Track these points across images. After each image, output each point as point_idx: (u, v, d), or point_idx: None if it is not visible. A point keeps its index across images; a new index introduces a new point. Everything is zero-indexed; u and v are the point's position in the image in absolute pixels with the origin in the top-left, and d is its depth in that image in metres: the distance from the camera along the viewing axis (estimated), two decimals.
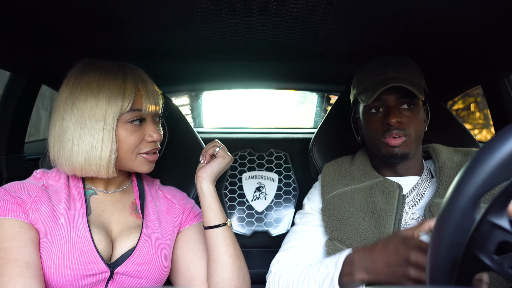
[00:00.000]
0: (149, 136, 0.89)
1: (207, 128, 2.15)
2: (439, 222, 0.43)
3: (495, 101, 1.34)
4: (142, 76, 0.90)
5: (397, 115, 0.95)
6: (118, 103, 0.84)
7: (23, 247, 0.76)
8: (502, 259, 0.39)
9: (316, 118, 2.29)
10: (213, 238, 0.89)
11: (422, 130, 1.00)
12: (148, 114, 0.89)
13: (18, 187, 0.84)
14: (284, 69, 1.48)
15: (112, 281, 0.84)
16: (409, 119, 0.97)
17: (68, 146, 0.83)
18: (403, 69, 0.99)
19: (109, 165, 0.85)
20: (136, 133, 0.87)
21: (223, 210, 0.93)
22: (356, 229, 0.97)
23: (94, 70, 0.86)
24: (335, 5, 0.83)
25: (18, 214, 0.79)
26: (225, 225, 0.91)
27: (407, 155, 0.97)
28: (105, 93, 0.83)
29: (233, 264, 0.89)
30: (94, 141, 0.83)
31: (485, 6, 0.82)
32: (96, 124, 0.83)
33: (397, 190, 0.97)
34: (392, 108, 0.97)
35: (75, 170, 0.85)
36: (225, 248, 0.89)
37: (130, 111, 0.85)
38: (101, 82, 0.84)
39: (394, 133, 0.95)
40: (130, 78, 0.87)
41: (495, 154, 0.40)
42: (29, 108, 1.35)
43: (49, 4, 0.80)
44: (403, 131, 0.96)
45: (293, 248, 1.03)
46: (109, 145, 0.84)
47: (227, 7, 0.85)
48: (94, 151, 0.83)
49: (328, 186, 1.07)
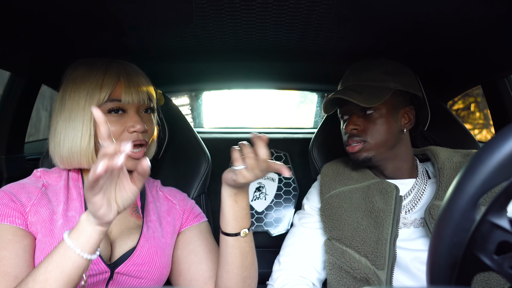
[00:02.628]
0: (131, 126, 0.87)
1: (207, 128, 2.15)
2: (439, 222, 0.43)
3: (495, 101, 1.34)
4: (127, 68, 0.91)
5: (353, 122, 0.99)
6: (95, 94, 0.86)
7: (14, 258, 0.75)
8: (502, 259, 0.39)
9: (316, 118, 2.29)
10: (223, 244, 0.86)
11: (386, 135, 0.98)
12: (130, 105, 0.88)
13: (18, 189, 0.84)
14: (284, 69, 1.48)
15: (112, 281, 0.84)
16: (365, 126, 0.99)
17: (57, 139, 0.87)
18: (364, 75, 1.01)
19: (88, 154, 0.86)
20: (116, 123, 0.87)
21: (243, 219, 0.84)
22: (355, 228, 0.97)
23: (81, 67, 0.89)
24: (335, 5, 0.83)
25: (14, 220, 0.79)
26: (237, 236, 0.84)
27: (370, 160, 0.99)
28: (85, 86, 0.86)
29: (239, 275, 0.86)
30: (75, 132, 0.86)
31: (485, 7, 0.82)
32: (77, 116, 0.86)
33: (394, 191, 0.97)
34: (351, 116, 1.01)
35: (63, 162, 0.88)
36: (232, 258, 0.85)
37: (108, 101, 0.86)
38: (84, 76, 0.88)
39: (351, 140, 1.00)
40: (112, 71, 0.88)
41: (495, 154, 0.40)
42: (29, 108, 1.35)
43: (49, 4, 0.80)
44: (360, 137, 0.99)
45: (294, 252, 1.03)
46: (87, 135, 0.85)
47: (227, 7, 0.85)
48: (75, 141, 0.85)
49: (326, 186, 1.07)
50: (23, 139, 1.40)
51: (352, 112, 1.01)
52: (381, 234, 0.93)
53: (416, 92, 1.03)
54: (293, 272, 1.01)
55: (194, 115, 2.30)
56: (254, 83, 1.75)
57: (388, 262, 0.91)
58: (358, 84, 1.00)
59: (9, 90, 1.29)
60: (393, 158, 1.02)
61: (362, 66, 1.04)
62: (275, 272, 1.03)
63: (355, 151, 0.99)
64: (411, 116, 1.03)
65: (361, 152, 0.99)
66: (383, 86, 0.98)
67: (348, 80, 1.03)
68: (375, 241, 0.93)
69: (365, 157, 0.99)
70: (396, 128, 1.00)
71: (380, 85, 0.98)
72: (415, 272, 0.91)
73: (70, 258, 0.64)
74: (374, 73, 1.00)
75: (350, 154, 1.02)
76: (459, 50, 1.12)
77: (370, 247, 0.93)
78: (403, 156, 1.03)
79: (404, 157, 1.03)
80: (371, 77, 1.00)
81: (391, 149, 1.00)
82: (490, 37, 0.99)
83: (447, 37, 1.02)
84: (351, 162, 1.05)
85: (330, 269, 1.00)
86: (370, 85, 0.98)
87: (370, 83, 0.99)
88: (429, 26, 0.95)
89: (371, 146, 0.98)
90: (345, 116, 1.05)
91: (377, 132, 0.98)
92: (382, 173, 1.04)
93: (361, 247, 0.94)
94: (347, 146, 1.01)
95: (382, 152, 0.99)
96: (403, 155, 1.03)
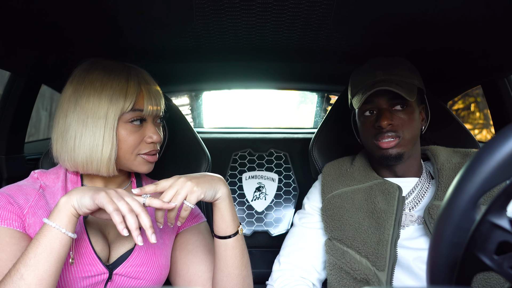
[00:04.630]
0: (148, 137, 0.89)
1: (207, 128, 2.15)
2: (439, 222, 0.43)
3: (495, 101, 1.34)
4: (146, 77, 0.91)
5: (388, 118, 0.96)
6: (119, 103, 0.84)
7: (12, 260, 0.75)
8: (502, 259, 0.39)
9: (316, 118, 2.29)
10: (222, 248, 0.85)
11: (417, 130, 0.99)
12: (149, 115, 0.89)
13: (15, 191, 0.84)
14: (284, 69, 1.48)
15: (111, 282, 0.84)
16: (401, 121, 0.97)
17: (70, 143, 0.84)
18: (393, 70, 0.99)
19: (109, 163, 0.85)
20: (136, 134, 0.88)
21: (236, 217, 0.87)
22: (356, 229, 0.97)
23: (99, 70, 0.87)
24: (335, 5, 0.83)
25: (11, 222, 0.78)
26: (236, 235, 0.85)
27: (402, 156, 0.97)
28: (107, 92, 0.84)
29: (239, 275, 0.86)
30: (95, 139, 0.84)
31: (485, 7, 0.82)
32: (97, 122, 0.83)
33: (397, 192, 0.97)
34: (384, 111, 0.97)
35: (77, 167, 0.86)
36: (233, 259, 0.85)
37: (131, 111, 0.86)
38: (104, 81, 0.85)
39: (386, 135, 0.96)
40: (133, 79, 0.87)
41: (495, 154, 0.40)
42: (29, 108, 1.35)
43: (49, 4, 0.80)
44: (396, 133, 0.96)
45: (294, 252, 1.03)
46: (109, 144, 0.84)
47: (227, 7, 0.85)
48: (95, 149, 0.84)
49: (328, 186, 1.07)
50: (23, 139, 1.40)
51: (381, 107, 0.98)
52: (382, 235, 0.93)
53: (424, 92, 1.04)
54: (293, 272, 1.01)
55: (194, 115, 2.30)
56: (254, 83, 1.75)
57: (388, 263, 0.91)
58: (390, 79, 0.97)
59: (9, 90, 1.29)
60: (411, 156, 1.01)
61: (389, 62, 1.02)
62: (275, 272, 1.03)
63: (390, 147, 0.96)
64: (424, 114, 1.05)
65: (396, 147, 0.96)
66: (411, 83, 0.98)
67: (377, 75, 0.99)
68: (376, 242, 0.93)
69: (398, 152, 0.96)
70: (420, 125, 1.02)
71: (408, 81, 0.98)
72: (417, 272, 0.91)
73: (57, 238, 0.71)
74: (402, 69, 1.00)
75: (381, 150, 0.97)
76: (459, 50, 1.12)
77: (371, 248, 0.93)
78: (416, 156, 1.03)
79: (417, 156, 1.03)
80: (400, 73, 0.99)
81: (416, 146, 1.01)
82: (490, 38, 0.99)
83: (447, 37, 1.02)
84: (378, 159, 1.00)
85: (330, 270, 1.00)
86: (402, 80, 0.97)
87: (401, 78, 0.98)
88: (429, 26, 0.95)
89: (405, 141, 0.97)
90: (369, 111, 1.01)
91: (412, 127, 0.97)
92: (393, 171, 1.03)
93: (362, 248, 0.94)
94: (378, 141, 0.97)
95: (410, 149, 0.99)
96: (417, 153, 1.03)
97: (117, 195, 0.72)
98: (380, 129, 0.97)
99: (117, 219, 0.69)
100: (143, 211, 0.72)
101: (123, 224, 0.70)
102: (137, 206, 0.72)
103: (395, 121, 0.96)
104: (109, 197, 0.71)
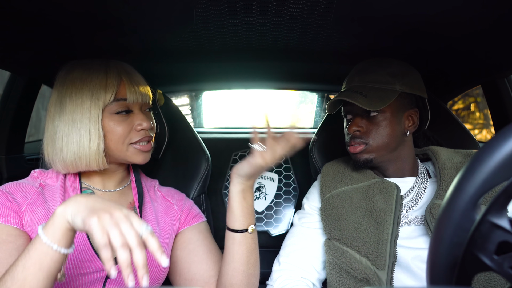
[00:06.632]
0: (138, 124, 0.90)
1: (207, 128, 2.15)
2: (439, 222, 0.43)
3: (495, 101, 1.34)
4: (126, 68, 0.92)
5: (356, 124, 0.99)
6: (101, 95, 0.86)
7: (7, 258, 0.75)
8: (502, 259, 0.39)
9: (316, 118, 2.29)
10: (230, 241, 0.87)
11: (389, 138, 0.98)
12: (135, 104, 0.90)
13: (14, 188, 0.84)
14: (284, 69, 1.48)
15: (110, 280, 0.84)
16: (368, 128, 0.98)
17: (59, 144, 0.86)
18: (369, 77, 0.99)
19: (98, 156, 0.86)
20: (124, 123, 0.88)
21: (250, 215, 0.88)
22: (356, 228, 0.97)
23: (78, 69, 0.89)
24: (335, 5, 0.83)
25: (8, 219, 0.79)
26: (245, 232, 0.87)
27: (371, 162, 0.99)
28: (88, 87, 0.86)
29: (244, 272, 0.87)
30: (81, 134, 0.85)
31: (485, 7, 0.82)
32: (82, 118, 0.85)
33: (395, 191, 0.97)
34: (354, 117, 1.00)
35: (67, 167, 0.87)
36: (239, 255, 0.87)
37: (114, 101, 0.87)
38: (84, 78, 0.87)
39: (353, 141, 0.99)
40: (112, 70, 0.88)
41: (495, 154, 0.40)
42: (29, 108, 1.35)
43: (49, 4, 0.80)
44: (362, 139, 0.99)
45: (293, 252, 1.03)
46: (96, 136, 0.85)
47: (227, 7, 0.85)
48: (83, 144, 0.85)
49: (327, 186, 1.07)
50: (23, 139, 1.40)
51: (355, 113, 1.01)
52: (382, 234, 0.93)
53: (421, 94, 1.02)
54: (293, 272, 1.01)
55: (194, 115, 2.30)
56: (254, 83, 1.75)
57: (388, 262, 0.91)
58: (363, 86, 0.98)
59: (9, 90, 1.29)
60: (395, 160, 1.02)
61: (368, 67, 1.02)
62: (275, 272, 1.03)
63: (356, 152, 0.99)
64: (415, 118, 1.02)
65: (363, 153, 0.99)
66: (388, 89, 0.97)
67: (353, 80, 1.02)
68: (376, 241, 0.93)
69: (366, 158, 0.99)
70: (399, 131, 0.99)
71: (385, 87, 0.97)
72: (416, 271, 0.91)
73: (48, 254, 0.64)
74: (380, 75, 0.99)
75: (352, 154, 1.01)
76: (459, 50, 1.12)
77: (370, 247, 0.93)
78: (405, 158, 1.03)
79: (406, 158, 1.03)
80: (376, 79, 0.98)
81: (393, 151, 1.00)
82: (490, 37, 0.99)
83: (447, 37, 1.02)
84: (352, 162, 1.05)
85: (330, 269, 1.00)
86: (376, 87, 0.97)
87: (375, 85, 0.98)
88: (429, 26, 0.95)
89: (372, 148, 0.98)
90: (348, 116, 1.04)
91: (379, 135, 0.98)
92: (383, 173, 1.04)
93: (361, 247, 0.94)
94: (349, 146, 1.01)
95: (383, 154, 0.99)
96: (405, 156, 1.03)
97: (111, 221, 0.61)
98: (350, 134, 1.01)
99: (104, 256, 0.59)
100: (138, 247, 0.60)
101: (111, 262, 0.59)
102: (133, 238, 0.60)
103: (364, 127, 0.99)
104: (101, 224, 0.60)
